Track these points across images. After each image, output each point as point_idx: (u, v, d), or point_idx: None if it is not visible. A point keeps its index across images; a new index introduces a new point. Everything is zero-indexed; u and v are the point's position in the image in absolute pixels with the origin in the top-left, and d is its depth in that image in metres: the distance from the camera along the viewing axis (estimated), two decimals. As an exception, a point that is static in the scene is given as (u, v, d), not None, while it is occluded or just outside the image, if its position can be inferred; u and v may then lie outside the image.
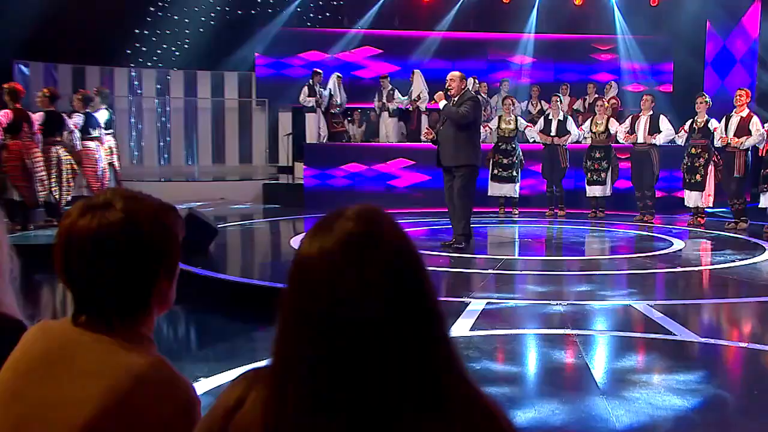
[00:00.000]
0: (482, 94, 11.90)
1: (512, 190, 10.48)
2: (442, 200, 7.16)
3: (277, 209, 11.22)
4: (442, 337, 1.03)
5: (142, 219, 1.28)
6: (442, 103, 6.84)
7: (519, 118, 10.77)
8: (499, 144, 10.52)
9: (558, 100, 10.67)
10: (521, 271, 6.15)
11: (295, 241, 7.40)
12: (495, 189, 10.53)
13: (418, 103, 11.95)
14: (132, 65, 14.24)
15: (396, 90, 12.20)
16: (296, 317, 1.01)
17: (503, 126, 10.54)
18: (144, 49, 14.09)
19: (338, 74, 12.54)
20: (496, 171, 10.49)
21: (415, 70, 12.27)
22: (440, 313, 1.04)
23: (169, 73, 14.59)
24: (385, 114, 12.29)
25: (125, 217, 1.26)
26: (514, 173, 10.43)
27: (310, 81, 12.20)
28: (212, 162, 14.88)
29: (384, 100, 12.25)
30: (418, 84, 11.98)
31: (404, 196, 11.22)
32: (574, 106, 12.61)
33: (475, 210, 10.58)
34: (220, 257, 6.82)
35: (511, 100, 10.78)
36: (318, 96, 12.12)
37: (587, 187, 10.24)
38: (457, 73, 6.96)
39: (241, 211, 11.01)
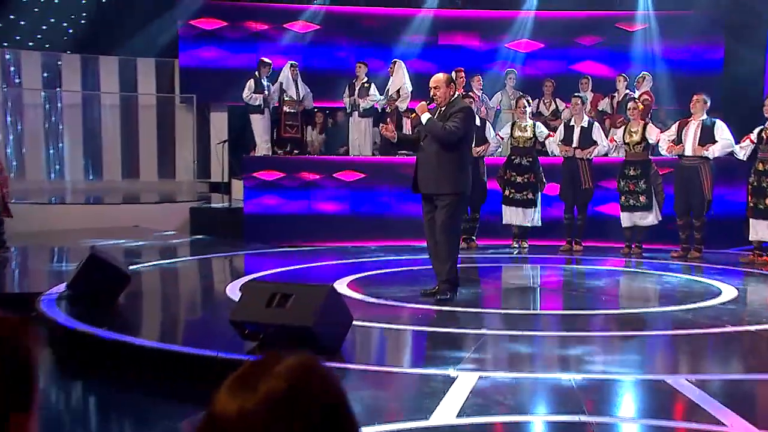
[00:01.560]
0: (476, 91, 12.12)
1: (529, 216, 10.63)
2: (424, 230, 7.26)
3: (208, 242, 11.28)
4: None
5: None
6: (425, 117, 6.98)
7: (538, 124, 10.99)
8: (513, 158, 10.72)
9: (581, 100, 10.81)
10: (524, 330, 6.27)
11: (233, 289, 7.46)
12: (507, 215, 10.71)
13: (397, 103, 12.13)
14: (5, 45, 14.17)
15: (373, 85, 12.38)
16: None
17: (517, 134, 10.72)
18: (23, 23, 14.07)
19: (293, 63, 12.69)
20: (508, 192, 10.67)
21: (396, 60, 12.46)
22: None
23: (61, 58, 14.62)
24: (356, 114, 12.45)
25: None
26: (532, 195, 10.61)
27: (257, 73, 12.33)
28: (122, 177, 14.93)
29: (356, 95, 12.41)
30: (399, 77, 12.16)
31: (378, 224, 11.35)
32: (600, 106, 12.86)
33: (482, 243, 10.96)
34: (133, 313, 6.85)
35: (526, 101, 10.96)
36: (266, 92, 12.25)
37: (622, 214, 10.42)
38: (442, 76, 7.10)
39: (160, 244, 11.05)
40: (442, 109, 7.02)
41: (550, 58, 14.59)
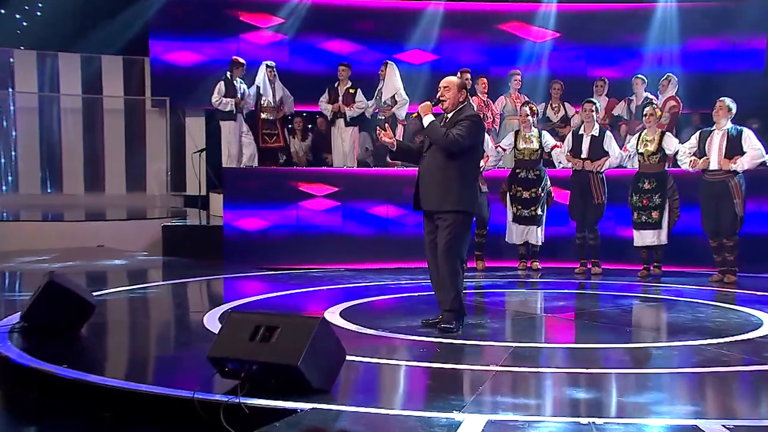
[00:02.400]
0: (481, 95, 12.21)
1: (534, 235, 10.74)
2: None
3: (183, 264, 11.31)
4: None
5: None
6: (427, 119, 7.04)
7: (544, 133, 11.12)
8: (518, 171, 10.85)
9: (593, 108, 10.88)
10: (538, 367, 6.30)
11: (211, 319, 7.50)
12: (515, 234, 10.80)
13: (394, 110, 12.22)
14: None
15: (359, 90, 12.47)
16: None
17: (522, 145, 10.86)
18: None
19: (269, 63, 12.78)
20: (515, 209, 10.76)
21: (388, 62, 12.56)
22: None
23: (13, 54, 14.66)
24: (340, 122, 12.54)
25: None
26: (539, 211, 10.70)
27: (228, 74, 12.40)
28: (85, 190, 14.97)
29: (340, 102, 12.51)
30: (392, 82, 12.26)
31: (374, 244, 11.41)
32: (615, 111, 12.96)
33: (487, 266, 10.98)
34: (97, 348, 6.85)
35: (531, 108, 11.07)
36: (239, 96, 12.32)
37: (635, 233, 10.54)
38: (455, 79, 7.23)
39: (129, 267, 11.07)
40: (449, 115, 7.10)
41: (558, 56, 14.69)
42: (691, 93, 13.34)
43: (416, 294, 9.10)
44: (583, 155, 10.69)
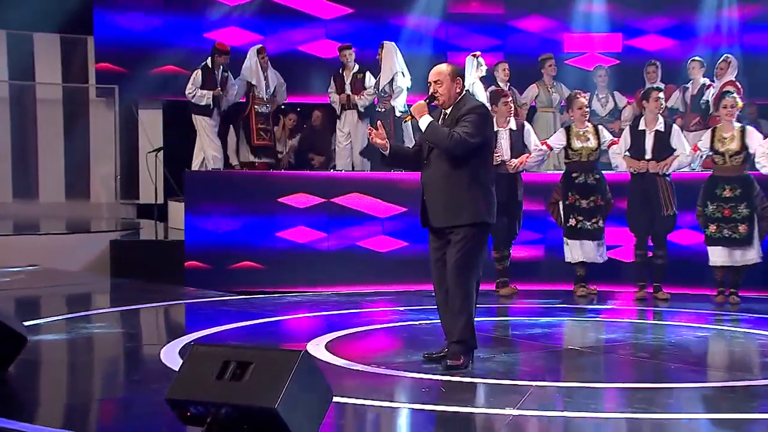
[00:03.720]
0: (501, 83, 12.29)
1: (596, 251, 10.83)
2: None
3: (135, 287, 11.32)
4: None
5: None
6: (424, 121, 7.02)
7: (600, 128, 11.10)
8: (575, 175, 10.85)
9: (659, 97, 10.71)
10: (564, 412, 6.29)
11: (170, 354, 7.51)
12: (575, 252, 10.85)
13: (392, 101, 12.31)
14: None
15: (368, 74, 12.58)
16: None
17: (578, 144, 10.81)
18: None
19: (259, 47, 12.86)
20: (574, 221, 10.79)
21: (385, 43, 12.62)
22: None
23: None
24: (351, 115, 12.70)
25: None
26: (601, 223, 10.75)
27: (208, 61, 12.45)
28: (13, 196, 14.97)
29: (348, 90, 12.60)
30: (390, 65, 12.33)
31: (368, 263, 11.46)
32: (669, 102, 12.95)
33: (528, 288, 11.02)
34: (29, 390, 6.84)
35: (584, 99, 11.02)
36: (220, 87, 12.35)
37: (710, 250, 10.53)
38: (445, 68, 7.17)
39: (68, 291, 11.06)
40: (447, 111, 7.11)
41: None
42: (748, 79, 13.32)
43: (417, 322, 9.10)
44: (647, 155, 10.57)
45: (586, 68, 14.36)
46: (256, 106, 12.71)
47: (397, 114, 12.37)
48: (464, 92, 7.22)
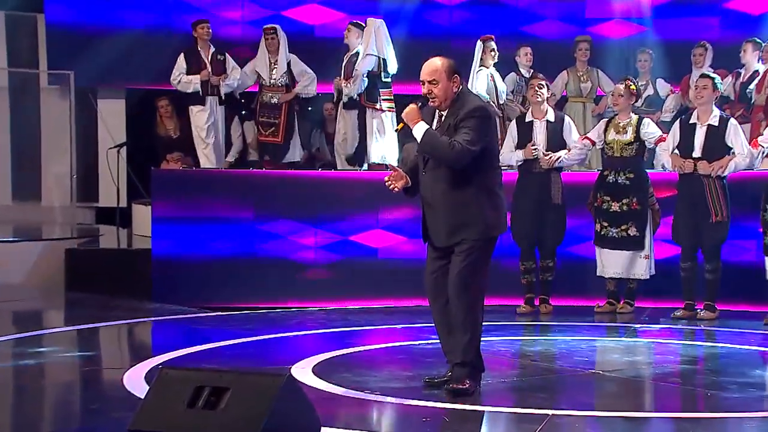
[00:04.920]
0: (523, 70, 12.43)
1: (636, 264, 10.88)
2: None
3: (95, 302, 11.37)
4: None
5: None
6: (419, 129, 7.00)
7: (645, 120, 11.00)
8: (606, 173, 10.93)
9: (711, 82, 10.57)
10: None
11: (134, 379, 7.58)
12: (602, 263, 10.98)
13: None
14: None
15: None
16: None
17: (611, 136, 10.85)
18: None
19: (268, 27, 13.02)
20: (599, 227, 10.91)
21: (370, 19, 12.77)
22: None
23: None
24: (341, 106, 12.86)
25: None
26: (637, 231, 10.83)
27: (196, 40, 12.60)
28: (-49, 198, 14.97)
29: (341, 75, 12.75)
30: (369, 48, 12.50)
31: (360, 275, 11.54)
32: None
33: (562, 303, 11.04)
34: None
35: (629, 86, 10.94)
36: (212, 70, 12.49)
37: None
38: (440, 63, 7.08)
39: (16, 307, 11.13)
40: (444, 113, 7.13)
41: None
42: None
43: (416, 342, 9.21)
44: (696, 153, 10.46)
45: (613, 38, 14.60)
46: (262, 96, 12.85)
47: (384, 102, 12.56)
48: (461, 89, 7.15)
